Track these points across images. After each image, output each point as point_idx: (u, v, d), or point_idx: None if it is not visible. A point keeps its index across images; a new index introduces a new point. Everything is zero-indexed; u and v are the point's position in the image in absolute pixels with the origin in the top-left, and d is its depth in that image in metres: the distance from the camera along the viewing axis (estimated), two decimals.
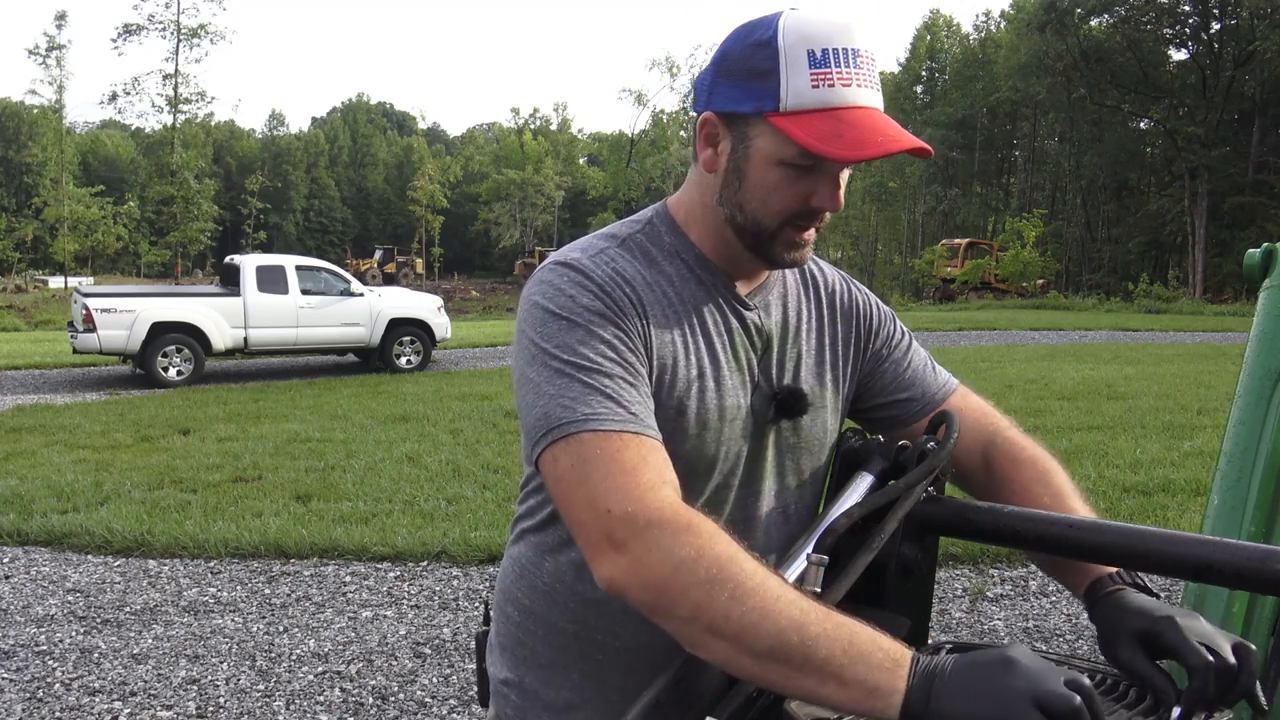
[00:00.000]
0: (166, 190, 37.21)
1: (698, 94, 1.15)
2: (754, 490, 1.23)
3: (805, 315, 1.29)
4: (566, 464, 1.01)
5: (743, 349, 1.20)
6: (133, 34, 36.37)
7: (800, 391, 1.23)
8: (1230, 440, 2.12)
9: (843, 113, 1.05)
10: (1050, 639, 4.21)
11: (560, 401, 1.03)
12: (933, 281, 40.33)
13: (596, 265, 1.13)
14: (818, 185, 1.11)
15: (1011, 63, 49.81)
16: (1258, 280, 2.31)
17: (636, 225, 1.22)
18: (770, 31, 1.06)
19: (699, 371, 1.15)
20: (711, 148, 1.14)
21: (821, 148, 1.04)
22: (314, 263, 14.61)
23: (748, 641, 0.89)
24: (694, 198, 1.20)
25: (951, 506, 1.20)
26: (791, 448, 1.26)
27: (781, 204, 1.11)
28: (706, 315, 1.18)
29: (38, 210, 43.12)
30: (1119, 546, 1.08)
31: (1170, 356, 15.07)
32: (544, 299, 1.11)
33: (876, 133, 1.05)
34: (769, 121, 1.07)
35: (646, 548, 0.94)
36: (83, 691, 3.79)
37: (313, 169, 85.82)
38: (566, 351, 1.06)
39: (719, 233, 1.18)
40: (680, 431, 1.14)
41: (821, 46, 1.05)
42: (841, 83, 1.05)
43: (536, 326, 1.09)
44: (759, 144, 1.09)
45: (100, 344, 12.52)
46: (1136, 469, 6.79)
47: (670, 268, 1.18)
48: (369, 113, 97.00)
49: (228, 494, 6.62)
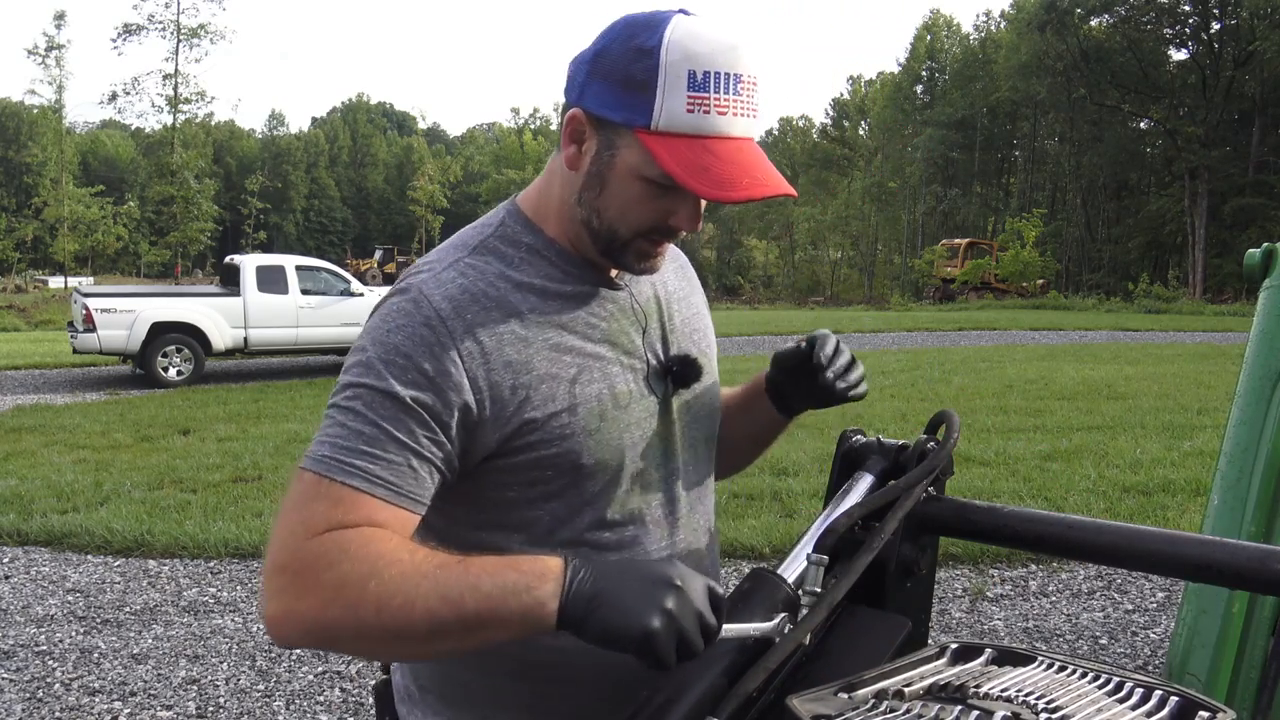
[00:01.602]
0: (166, 190, 37.17)
1: (571, 83, 1.10)
2: (672, 468, 1.21)
3: (673, 285, 1.28)
4: (289, 494, 1.03)
5: (623, 332, 1.17)
6: (133, 34, 36.31)
7: (690, 358, 1.22)
8: (1230, 440, 2.13)
9: (713, 143, 1.03)
10: (1050, 639, 4.21)
11: (319, 438, 1.03)
12: (933, 281, 40.33)
13: (439, 289, 1.09)
14: (679, 206, 1.08)
15: (1011, 63, 49.80)
16: (1258, 280, 2.31)
17: (490, 228, 1.17)
18: (655, 40, 1.01)
19: (579, 368, 1.12)
20: (576, 145, 1.10)
21: (686, 179, 1.02)
22: (314, 263, 14.61)
23: (411, 636, 0.95)
24: (552, 191, 1.16)
25: (951, 506, 1.20)
26: (696, 417, 1.25)
27: (639, 219, 1.09)
28: (578, 308, 1.15)
29: (38, 210, 43.04)
30: (1119, 546, 1.08)
31: (1170, 356, 15.07)
32: (370, 332, 1.08)
33: (744, 173, 1.03)
34: (637, 137, 1.04)
35: (296, 595, 0.96)
36: (83, 691, 3.78)
37: (313, 169, 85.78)
38: (355, 394, 1.04)
39: (575, 229, 1.14)
40: (580, 431, 1.11)
41: (704, 68, 1.01)
42: (718, 110, 1.02)
43: (355, 352, 1.08)
44: (624, 155, 1.06)
45: (100, 344, 12.52)
46: (1136, 469, 6.79)
47: (531, 269, 1.14)
48: (369, 113, 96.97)
49: (228, 494, 6.62)
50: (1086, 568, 4.99)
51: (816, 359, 1.24)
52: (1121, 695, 0.98)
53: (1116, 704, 0.96)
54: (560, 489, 1.13)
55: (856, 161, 64.46)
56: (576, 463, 1.12)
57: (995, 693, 0.90)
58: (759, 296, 49.85)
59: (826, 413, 8.29)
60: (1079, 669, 0.96)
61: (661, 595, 0.92)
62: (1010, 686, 0.91)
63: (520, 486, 1.13)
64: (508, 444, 1.10)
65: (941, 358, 15.19)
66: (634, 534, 1.18)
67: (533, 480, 1.12)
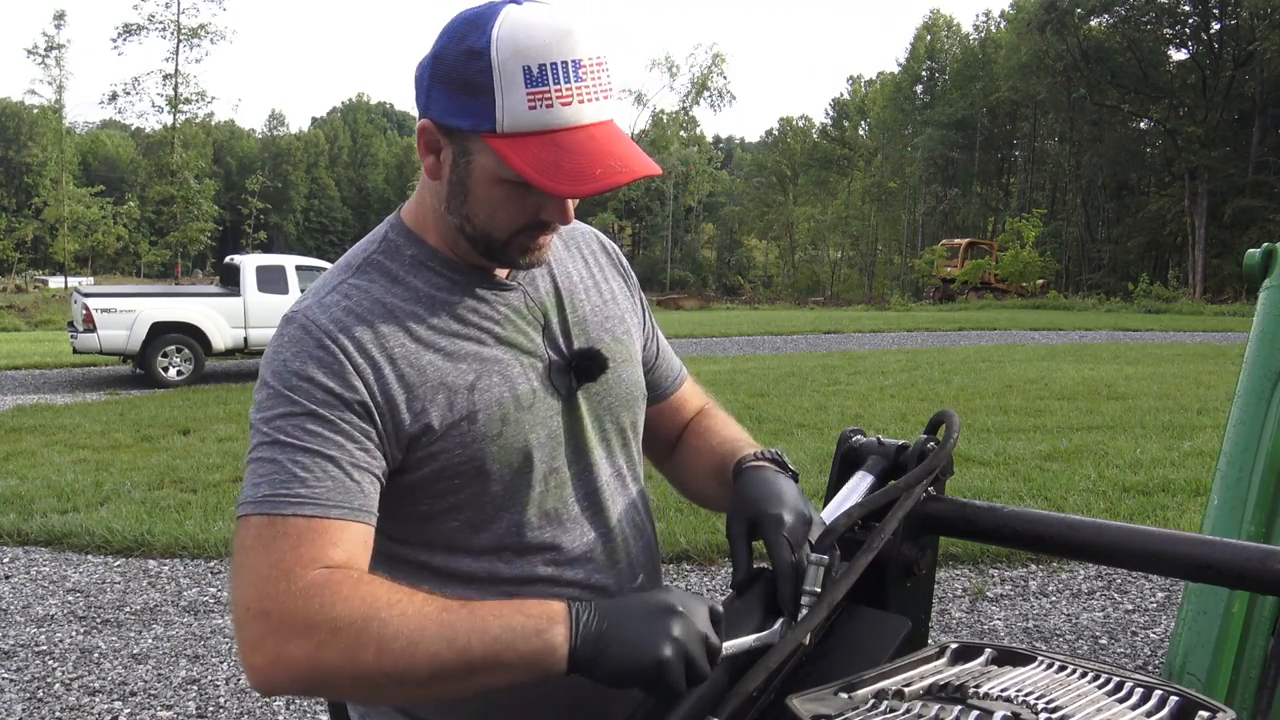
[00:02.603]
0: (166, 190, 37.18)
1: (417, 91, 1.08)
2: (586, 464, 1.20)
3: (576, 274, 1.25)
4: (238, 543, 1.00)
5: (520, 331, 1.16)
6: (133, 34, 36.33)
7: (593, 352, 1.19)
8: (1230, 440, 2.13)
9: (562, 136, 1.00)
10: (1050, 639, 4.20)
11: (249, 482, 1.02)
12: (933, 281, 40.35)
13: (324, 313, 1.08)
14: (546, 201, 1.06)
15: (1011, 63, 49.82)
16: (1258, 280, 2.32)
17: (373, 245, 1.16)
18: (484, 40, 0.98)
19: (477, 373, 1.11)
20: (433, 155, 1.08)
21: (539, 179, 0.99)
22: (314, 263, 14.60)
23: (412, 680, 0.93)
24: (425, 202, 1.14)
25: (951, 506, 1.20)
26: (607, 408, 1.22)
27: (509, 219, 1.07)
28: (468, 314, 1.13)
29: (38, 210, 43.05)
30: (1119, 546, 1.08)
31: (1170, 356, 15.07)
32: (267, 365, 1.07)
33: (597, 162, 1.00)
34: (485, 142, 1.01)
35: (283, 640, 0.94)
36: (83, 691, 3.78)
37: (313, 169, 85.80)
38: (271, 425, 1.03)
39: (453, 235, 1.12)
40: (483, 437, 1.10)
41: (539, 61, 0.98)
42: (561, 101, 0.99)
43: (258, 389, 1.07)
44: (479, 160, 1.04)
45: (100, 344, 12.53)
46: (1136, 469, 6.79)
47: (417, 280, 1.13)
48: (369, 113, 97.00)
49: (228, 494, 6.62)
50: (1086, 568, 4.99)
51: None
52: (1121, 695, 0.98)
53: (1116, 704, 0.96)
54: (470, 497, 1.12)
55: (856, 161, 64.45)
56: (482, 469, 1.11)
57: (995, 693, 0.90)
58: (759, 296, 49.86)
59: (826, 413, 8.26)
60: (1079, 669, 0.96)
61: (667, 624, 0.93)
62: (1010, 686, 0.91)
63: (430, 499, 1.12)
64: (410, 456, 1.09)
65: (941, 358, 15.18)
66: (553, 535, 1.16)
67: (440, 491, 1.11)
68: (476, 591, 1.12)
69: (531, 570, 1.15)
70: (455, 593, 1.06)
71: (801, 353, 16.94)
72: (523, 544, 1.15)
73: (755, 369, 13.78)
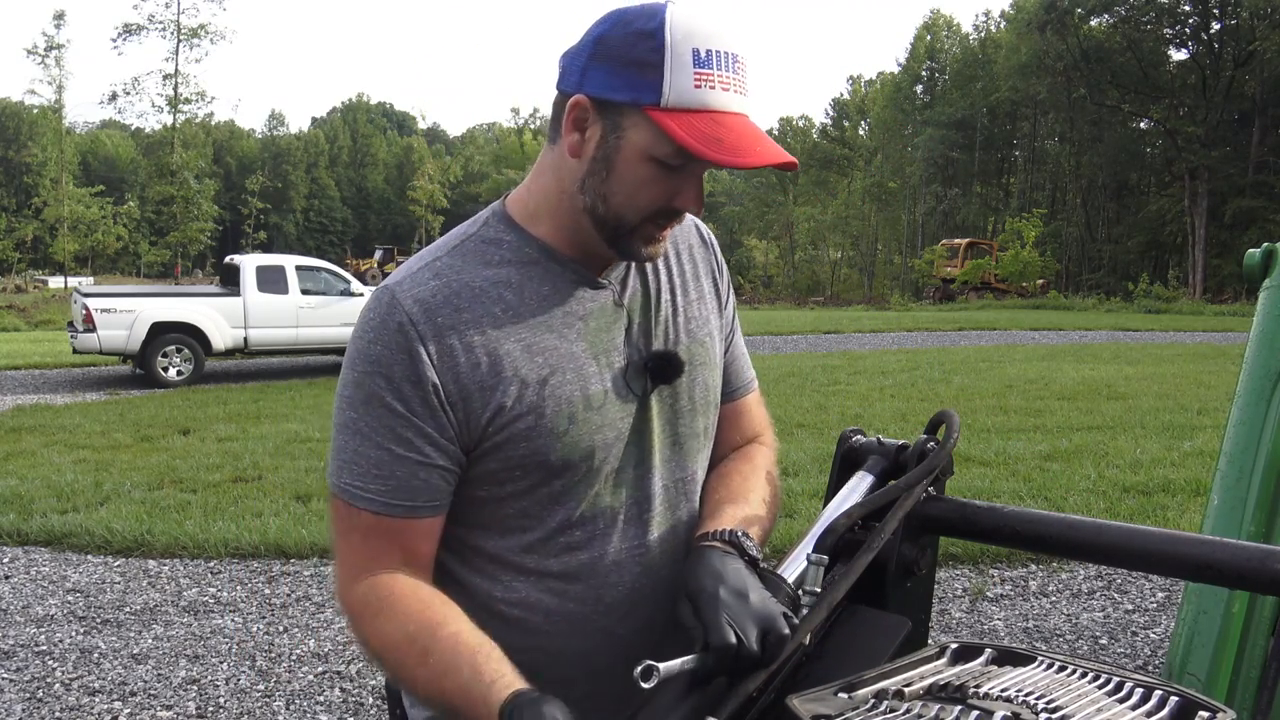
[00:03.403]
0: (166, 190, 37.18)
1: (567, 74, 1.10)
2: (647, 468, 1.21)
3: (665, 275, 1.25)
4: (330, 516, 1.18)
5: (603, 329, 1.17)
6: (133, 34, 36.33)
7: (669, 355, 1.20)
8: (1230, 440, 2.12)
9: (720, 116, 1.04)
10: (1050, 639, 4.21)
11: (338, 457, 1.13)
12: (933, 281, 40.34)
13: (413, 289, 1.11)
14: (684, 185, 1.09)
15: (1011, 63, 49.78)
16: (1258, 280, 2.31)
17: (474, 227, 1.19)
18: (656, 23, 1.03)
19: (551, 369, 1.13)
20: (579, 132, 1.09)
21: (703, 149, 1.02)
22: (314, 263, 14.61)
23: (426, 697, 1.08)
24: (548, 185, 1.15)
25: (951, 506, 1.20)
26: (679, 412, 1.23)
27: (648, 200, 1.09)
28: (555, 307, 1.15)
29: (38, 210, 43.03)
30: (1119, 546, 1.08)
31: (1170, 356, 15.07)
32: (355, 340, 1.13)
33: (755, 142, 1.05)
34: (647, 115, 1.04)
35: (352, 628, 1.14)
36: (83, 691, 3.78)
37: (313, 169, 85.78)
38: (352, 407, 1.12)
39: (574, 222, 1.13)
40: (549, 433, 1.12)
41: (706, 47, 1.03)
42: (722, 86, 1.04)
43: (345, 363, 1.15)
44: (632, 136, 1.06)
45: (100, 344, 12.52)
46: (1136, 469, 6.79)
47: (511, 269, 1.15)
48: (369, 113, 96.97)
49: (228, 494, 6.62)
50: (1086, 568, 4.99)
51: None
52: (1121, 695, 0.98)
53: (1116, 704, 0.96)
54: (528, 488, 1.15)
55: (856, 161, 64.45)
56: (544, 464, 1.13)
57: (995, 693, 0.90)
58: (759, 296, 49.81)
59: (826, 413, 8.27)
60: (1079, 669, 0.96)
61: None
62: (1010, 686, 0.91)
63: (489, 486, 1.15)
64: (477, 446, 1.12)
65: (941, 358, 15.18)
66: (604, 531, 1.18)
67: (500, 480, 1.14)
68: (522, 582, 1.18)
69: (574, 568, 1.18)
70: (502, 583, 1.18)
71: (801, 353, 16.94)
72: (569, 541, 1.17)
73: (755, 369, 13.74)
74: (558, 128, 1.12)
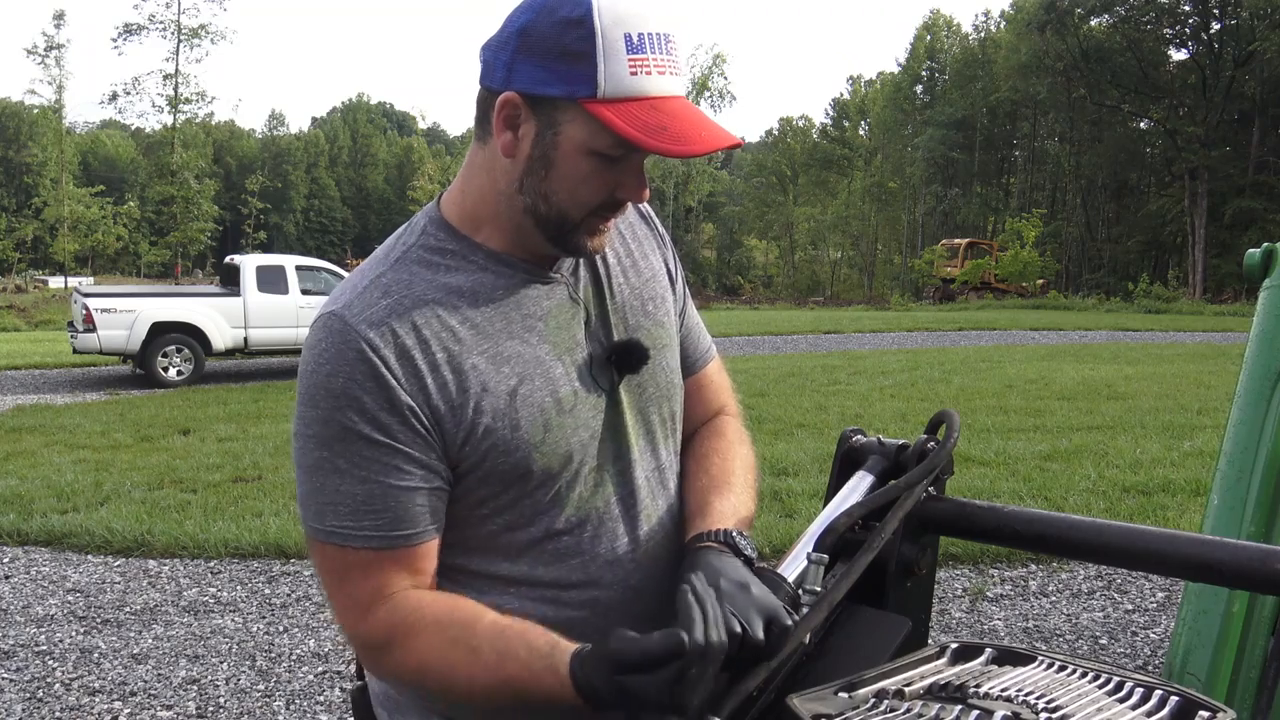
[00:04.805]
0: (166, 190, 37.14)
1: (491, 69, 1.05)
2: (626, 462, 1.18)
3: (614, 259, 1.22)
4: (318, 563, 1.11)
5: (563, 327, 1.14)
6: (133, 34, 36.27)
7: (631, 343, 1.17)
8: (1230, 440, 2.12)
9: (659, 102, 1.00)
10: (1050, 639, 4.20)
11: (315, 500, 1.07)
12: (933, 281, 40.35)
13: (364, 312, 1.06)
14: (625, 176, 1.06)
15: (1011, 63, 49.78)
16: (1258, 280, 2.32)
17: (413, 236, 1.13)
18: (583, 9, 0.98)
19: (519, 377, 1.09)
20: (511, 131, 1.04)
21: (648, 140, 0.98)
22: (314, 263, 14.61)
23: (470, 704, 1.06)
24: (483, 186, 1.11)
25: (952, 506, 1.20)
26: (649, 399, 1.21)
27: (590, 194, 1.06)
28: (513, 314, 1.11)
29: (38, 210, 43.04)
30: (1119, 546, 1.08)
31: (1170, 356, 15.07)
32: (309, 377, 1.06)
33: (696, 126, 1.01)
34: (584, 108, 1.00)
35: (378, 664, 1.10)
36: (83, 691, 3.78)
37: (313, 169, 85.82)
38: (322, 446, 1.05)
39: (515, 222, 1.10)
40: (525, 444, 1.09)
41: (638, 30, 0.99)
42: (658, 70, 1.00)
43: (299, 401, 1.08)
44: (569, 131, 1.02)
45: (100, 344, 12.53)
46: (1136, 469, 6.79)
47: (461, 277, 1.10)
48: (369, 113, 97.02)
49: (228, 494, 6.62)
50: (1086, 568, 4.99)
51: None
52: (1121, 695, 0.98)
53: (1116, 704, 0.96)
54: (510, 501, 1.12)
55: (856, 161, 64.45)
56: (524, 474, 1.10)
57: (995, 692, 0.90)
58: (759, 296, 49.83)
59: (826, 413, 8.26)
60: (1079, 669, 0.96)
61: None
62: (1010, 686, 0.91)
63: (470, 504, 1.11)
64: (456, 466, 1.09)
65: (941, 358, 15.18)
66: (594, 532, 1.16)
67: (481, 496, 1.11)
68: (514, 596, 1.13)
69: (567, 574, 1.15)
70: (492, 599, 1.10)
71: (801, 353, 16.94)
72: (559, 547, 1.14)
73: (755, 369, 13.77)
74: (486, 126, 1.07)
